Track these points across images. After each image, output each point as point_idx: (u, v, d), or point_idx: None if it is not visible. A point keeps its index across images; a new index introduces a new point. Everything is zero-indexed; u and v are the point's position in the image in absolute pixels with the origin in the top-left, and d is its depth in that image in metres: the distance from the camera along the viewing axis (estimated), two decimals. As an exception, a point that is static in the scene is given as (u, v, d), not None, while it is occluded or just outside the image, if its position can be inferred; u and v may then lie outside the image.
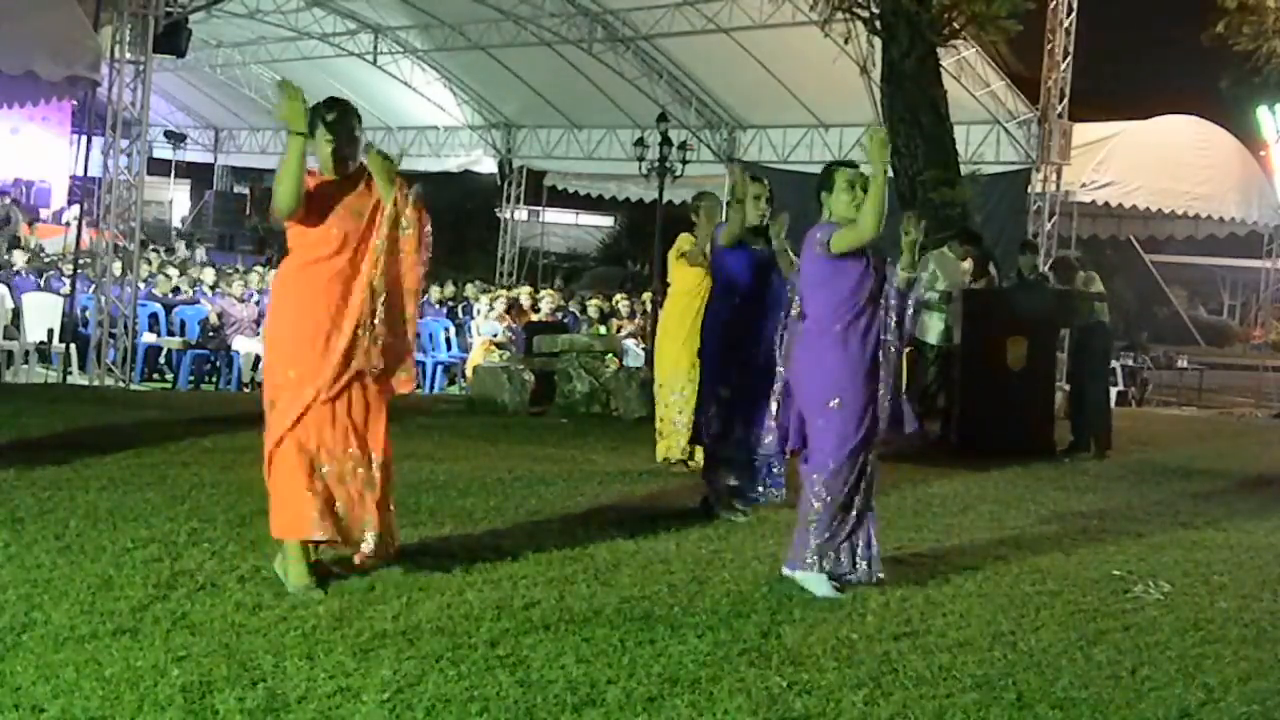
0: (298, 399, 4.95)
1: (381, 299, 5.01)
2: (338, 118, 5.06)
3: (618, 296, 21.11)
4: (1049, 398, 11.79)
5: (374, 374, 5.05)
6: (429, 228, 5.13)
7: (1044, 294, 11.77)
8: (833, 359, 5.49)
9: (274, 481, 5.02)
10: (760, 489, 7.11)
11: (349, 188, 5.05)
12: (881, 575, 5.62)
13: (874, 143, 5.39)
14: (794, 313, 5.73)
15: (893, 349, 5.57)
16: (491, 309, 17.53)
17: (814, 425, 5.55)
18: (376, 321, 5.01)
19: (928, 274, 11.41)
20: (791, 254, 6.76)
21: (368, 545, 5.06)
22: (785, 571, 5.61)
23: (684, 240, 8.34)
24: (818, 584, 5.44)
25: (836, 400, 5.47)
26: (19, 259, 17.95)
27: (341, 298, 4.99)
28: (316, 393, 4.94)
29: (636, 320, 18.75)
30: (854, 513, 5.52)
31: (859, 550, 5.59)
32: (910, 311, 5.94)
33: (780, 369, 5.81)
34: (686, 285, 8.17)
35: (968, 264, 11.78)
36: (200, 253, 26.08)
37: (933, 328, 11.47)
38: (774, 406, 5.85)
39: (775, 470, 7.07)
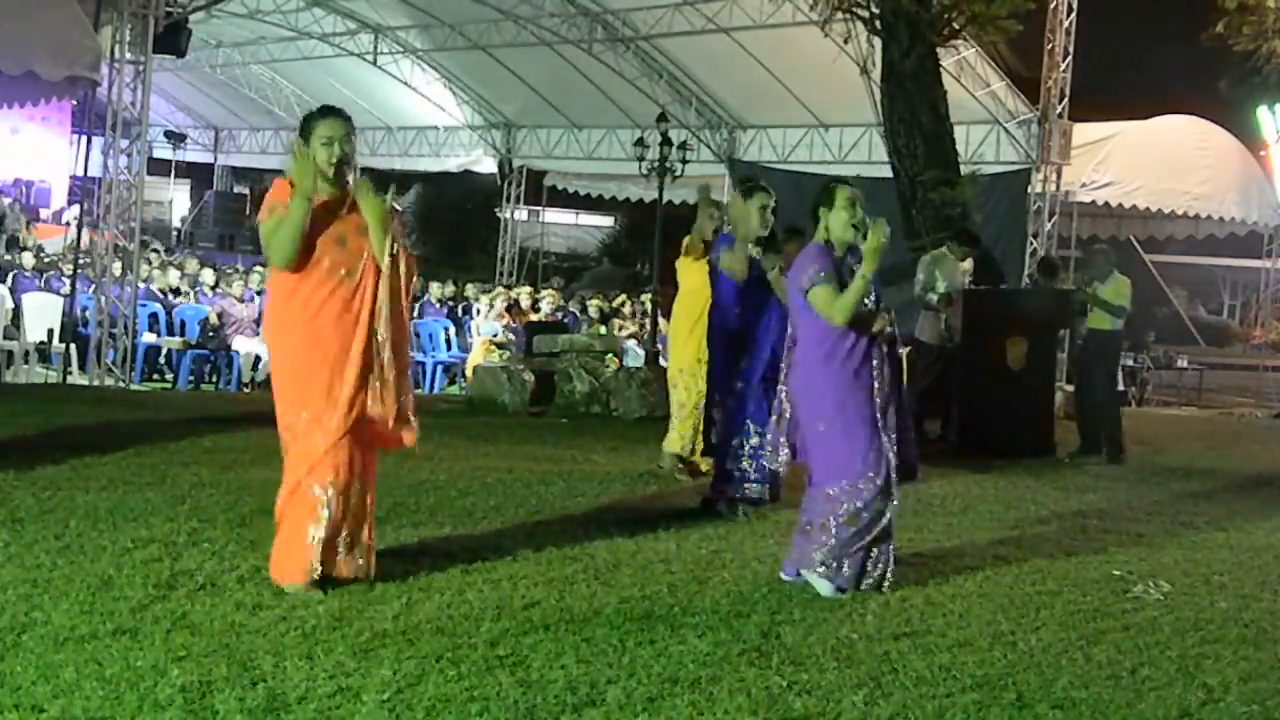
0: (310, 449, 4.91)
1: (388, 346, 4.97)
2: (330, 123, 4.97)
3: (619, 297, 21.11)
4: (1049, 398, 11.78)
5: (382, 426, 5.00)
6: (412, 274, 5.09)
7: (1044, 295, 11.77)
8: (818, 383, 5.49)
9: (284, 525, 4.98)
10: (765, 494, 7.12)
11: (337, 215, 4.95)
12: (889, 587, 5.59)
13: (872, 246, 5.32)
14: (790, 331, 5.72)
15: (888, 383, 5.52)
16: (491, 308, 17.53)
17: (809, 446, 5.56)
18: (385, 369, 4.96)
19: (926, 275, 11.42)
20: (784, 283, 6.80)
21: (369, 572, 5.07)
22: (784, 576, 5.61)
23: (687, 241, 8.38)
24: (821, 583, 5.45)
25: (823, 425, 5.46)
26: (28, 260, 17.96)
27: (340, 341, 4.90)
28: (329, 445, 4.90)
29: (636, 320, 18.75)
30: (870, 533, 5.46)
31: (871, 560, 5.56)
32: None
33: (782, 386, 5.78)
34: (692, 285, 8.18)
35: (967, 264, 11.78)
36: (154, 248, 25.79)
37: (932, 328, 11.48)
38: (774, 420, 5.83)
39: (775, 473, 7.08)
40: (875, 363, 5.49)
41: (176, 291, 17.36)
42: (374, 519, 5.19)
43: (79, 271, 14.94)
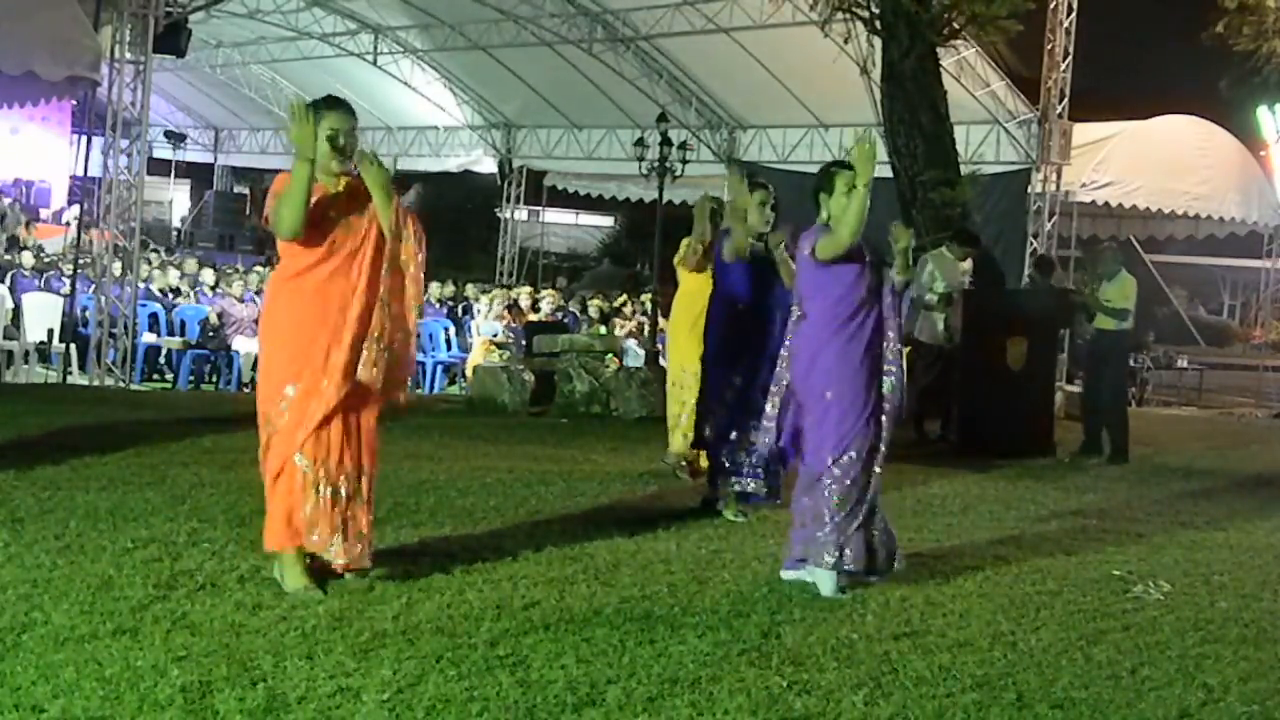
0: (303, 419, 4.92)
1: (388, 312, 5.02)
2: (337, 116, 5.02)
3: (620, 296, 21.11)
4: (1049, 398, 11.76)
5: (376, 389, 5.04)
6: (423, 240, 5.15)
7: (1044, 294, 11.76)
8: (828, 354, 5.52)
9: (275, 497, 4.99)
10: (763, 490, 7.11)
11: (344, 199, 5.02)
12: (901, 564, 5.63)
13: (860, 155, 5.41)
14: (795, 316, 5.74)
15: (895, 347, 5.59)
16: (491, 309, 17.53)
17: (811, 420, 5.57)
18: (384, 334, 5.01)
19: (926, 275, 11.42)
20: (791, 263, 6.79)
21: (362, 559, 5.07)
22: (785, 575, 5.61)
23: (685, 245, 8.36)
24: (825, 580, 5.45)
25: (830, 392, 5.49)
26: (27, 260, 17.95)
27: (339, 310, 4.95)
28: (324, 412, 4.92)
29: (636, 319, 18.74)
30: (863, 509, 5.52)
31: (875, 542, 5.59)
32: (907, 310, 5.97)
33: (781, 370, 5.81)
34: (690, 286, 8.18)
35: (967, 264, 11.77)
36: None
37: (931, 328, 11.47)
38: (769, 408, 5.83)
39: (774, 470, 7.07)
40: (887, 340, 5.56)
41: (176, 291, 17.37)
42: (372, 508, 5.18)
43: (79, 271, 14.94)
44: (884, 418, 5.57)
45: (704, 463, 7.71)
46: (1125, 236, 22.35)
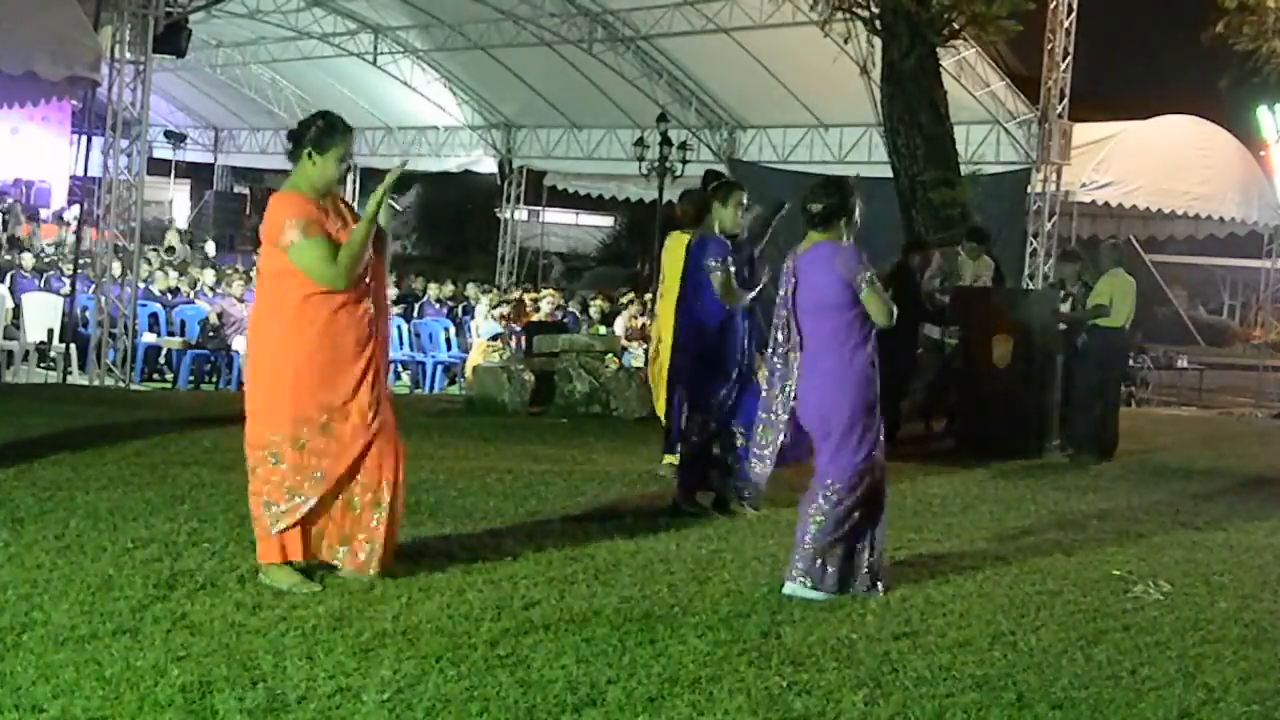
0: (351, 447, 4.94)
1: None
2: (348, 143, 5.06)
3: (628, 294, 21.08)
4: (1048, 397, 11.71)
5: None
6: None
7: (1036, 294, 11.74)
8: (854, 386, 5.42)
9: (290, 515, 4.95)
10: (740, 484, 7.09)
11: (335, 217, 5.05)
12: (886, 587, 5.55)
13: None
14: (782, 336, 5.55)
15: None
16: (495, 308, 17.53)
17: (829, 448, 5.46)
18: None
19: (932, 269, 11.42)
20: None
21: (369, 566, 5.09)
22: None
23: (677, 241, 8.27)
24: (805, 592, 5.40)
25: (862, 424, 5.44)
26: (26, 260, 17.96)
27: (366, 332, 4.98)
28: (362, 446, 4.96)
29: (642, 321, 18.73)
30: (849, 523, 5.43)
31: (857, 559, 5.53)
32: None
33: (774, 394, 5.66)
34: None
35: (988, 261, 11.72)
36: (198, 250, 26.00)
37: (933, 329, 11.48)
38: (759, 429, 5.77)
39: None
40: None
41: (176, 291, 17.38)
42: (397, 515, 5.21)
43: (79, 271, 14.94)
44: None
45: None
46: (1125, 236, 22.34)
